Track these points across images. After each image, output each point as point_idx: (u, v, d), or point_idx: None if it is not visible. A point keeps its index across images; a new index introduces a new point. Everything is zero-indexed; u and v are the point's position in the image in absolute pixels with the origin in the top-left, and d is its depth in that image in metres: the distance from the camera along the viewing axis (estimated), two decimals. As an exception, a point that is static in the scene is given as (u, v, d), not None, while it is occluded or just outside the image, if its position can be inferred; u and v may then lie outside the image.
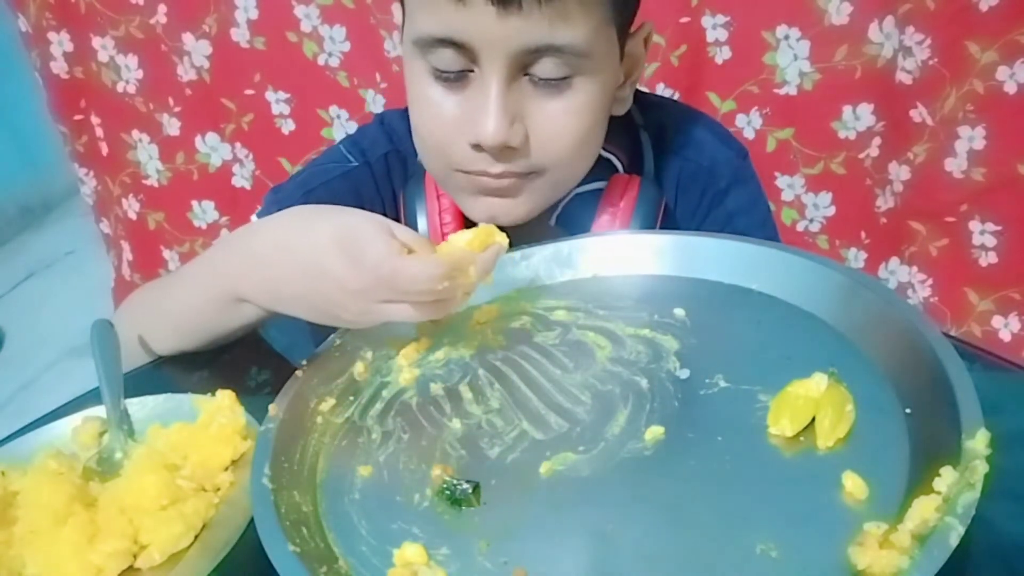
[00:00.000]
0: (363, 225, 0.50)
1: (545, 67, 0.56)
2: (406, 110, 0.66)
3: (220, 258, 0.60)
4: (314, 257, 0.50)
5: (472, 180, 0.60)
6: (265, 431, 0.48)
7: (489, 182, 0.59)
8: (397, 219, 0.68)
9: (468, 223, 0.66)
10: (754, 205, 0.73)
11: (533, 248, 0.61)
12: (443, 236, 0.66)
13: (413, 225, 0.68)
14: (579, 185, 0.67)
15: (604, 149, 0.68)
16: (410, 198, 0.68)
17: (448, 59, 0.56)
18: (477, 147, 0.57)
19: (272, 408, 0.49)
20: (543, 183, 0.61)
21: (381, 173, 0.71)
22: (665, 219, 0.67)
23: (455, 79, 0.57)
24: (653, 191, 0.66)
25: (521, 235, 0.67)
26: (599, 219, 0.65)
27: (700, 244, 0.59)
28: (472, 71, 0.56)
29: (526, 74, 0.56)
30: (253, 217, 0.72)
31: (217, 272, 0.59)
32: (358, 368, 0.54)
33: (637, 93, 0.71)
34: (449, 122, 0.58)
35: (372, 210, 0.68)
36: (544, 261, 0.61)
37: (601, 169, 0.68)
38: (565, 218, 0.68)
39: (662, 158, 0.70)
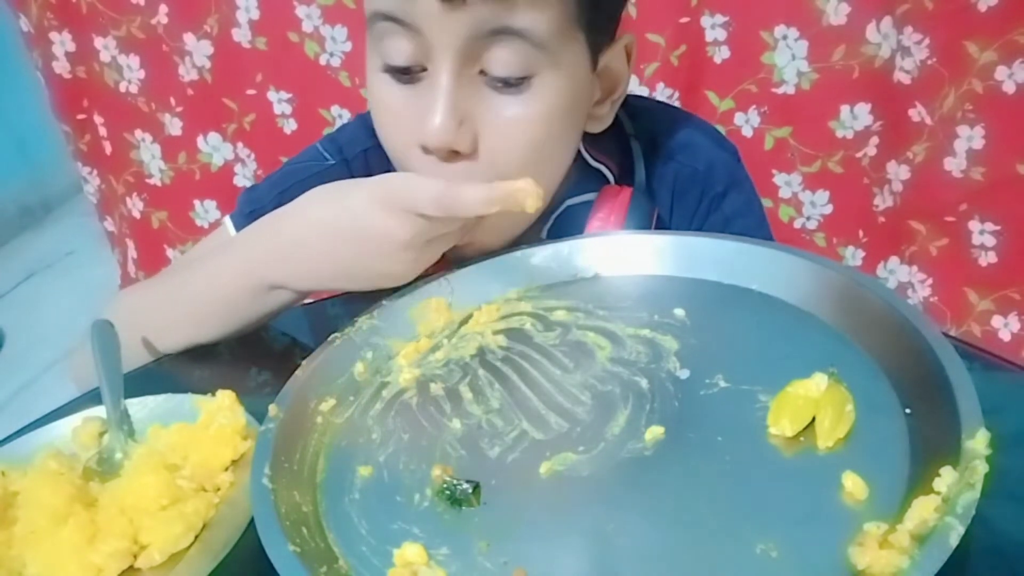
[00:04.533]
0: (395, 179, 0.53)
1: (499, 59, 0.52)
2: None
3: (247, 249, 0.60)
4: (357, 223, 0.52)
5: None
6: (265, 431, 0.48)
7: None
8: None
9: None
10: (750, 207, 0.71)
11: (533, 248, 0.61)
12: None
13: None
14: (569, 197, 0.65)
15: (594, 159, 0.66)
16: None
17: (399, 48, 0.53)
18: (426, 150, 0.54)
19: (272, 408, 0.49)
20: None
21: (360, 171, 0.68)
22: (657, 229, 0.65)
23: (408, 78, 0.54)
24: (644, 202, 0.64)
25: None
26: (589, 231, 0.63)
27: (700, 244, 0.59)
28: (425, 70, 0.54)
29: (481, 72, 0.53)
30: (225, 220, 0.70)
31: (246, 263, 0.59)
32: (358, 368, 0.54)
33: (626, 99, 0.68)
34: (401, 122, 0.56)
35: None
36: (544, 261, 0.61)
37: (591, 180, 0.66)
38: (556, 231, 0.66)
39: (655, 164, 0.68)
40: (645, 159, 0.68)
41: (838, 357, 0.47)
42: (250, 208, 0.69)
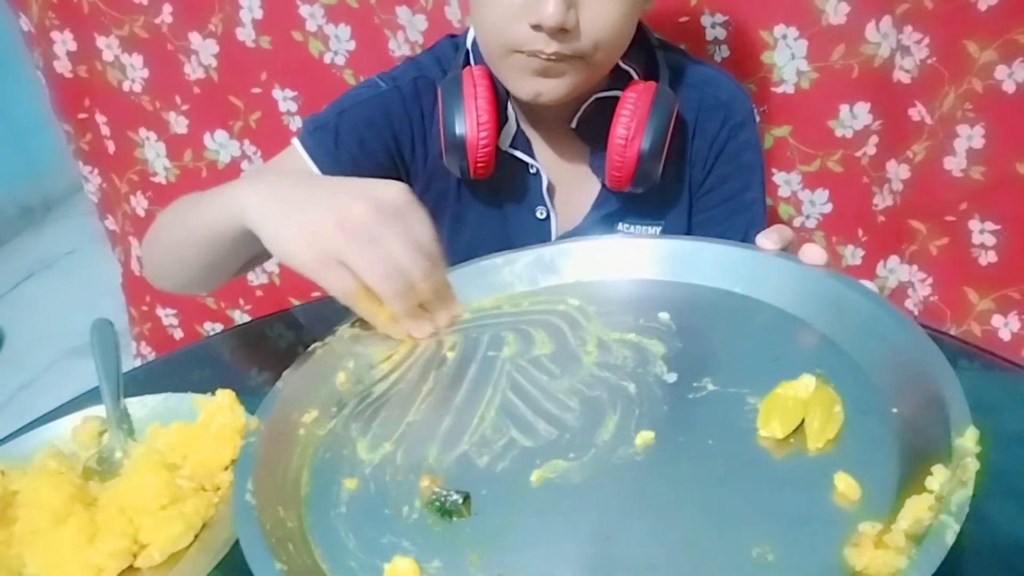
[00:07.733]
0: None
1: None
2: (429, 52, 0.79)
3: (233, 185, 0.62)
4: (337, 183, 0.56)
5: (527, 60, 0.66)
6: (246, 445, 0.46)
7: (541, 62, 0.65)
8: (425, 133, 0.77)
9: (500, 118, 0.72)
10: (759, 145, 0.80)
11: (516, 253, 0.61)
12: (479, 126, 0.69)
13: (451, 115, 0.70)
14: (598, 91, 0.73)
15: (622, 62, 0.73)
16: (447, 89, 0.72)
17: None
18: (537, 27, 0.63)
19: (252, 421, 0.48)
20: (583, 66, 0.67)
21: (410, 96, 0.77)
22: (677, 127, 0.71)
23: None
24: (668, 96, 0.71)
25: (543, 135, 0.77)
26: (618, 119, 0.70)
27: (683, 248, 0.59)
28: None
29: None
30: (294, 140, 0.76)
31: (226, 193, 0.61)
32: (339, 378, 0.53)
33: (657, 39, 0.79)
34: (512, 6, 0.64)
35: (400, 128, 0.76)
36: (527, 267, 0.61)
37: (619, 79, 0.73)
38: (584, 120, 0.74)
39: (682, 89, 0.76)
40: (673, 84, 0.75)
41: (823, 359, 0.48)
42: (314, 126, 0.76)
